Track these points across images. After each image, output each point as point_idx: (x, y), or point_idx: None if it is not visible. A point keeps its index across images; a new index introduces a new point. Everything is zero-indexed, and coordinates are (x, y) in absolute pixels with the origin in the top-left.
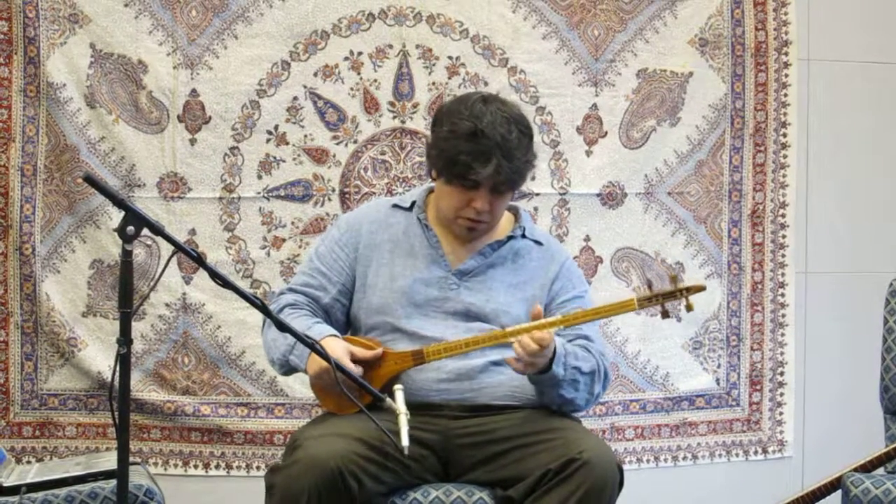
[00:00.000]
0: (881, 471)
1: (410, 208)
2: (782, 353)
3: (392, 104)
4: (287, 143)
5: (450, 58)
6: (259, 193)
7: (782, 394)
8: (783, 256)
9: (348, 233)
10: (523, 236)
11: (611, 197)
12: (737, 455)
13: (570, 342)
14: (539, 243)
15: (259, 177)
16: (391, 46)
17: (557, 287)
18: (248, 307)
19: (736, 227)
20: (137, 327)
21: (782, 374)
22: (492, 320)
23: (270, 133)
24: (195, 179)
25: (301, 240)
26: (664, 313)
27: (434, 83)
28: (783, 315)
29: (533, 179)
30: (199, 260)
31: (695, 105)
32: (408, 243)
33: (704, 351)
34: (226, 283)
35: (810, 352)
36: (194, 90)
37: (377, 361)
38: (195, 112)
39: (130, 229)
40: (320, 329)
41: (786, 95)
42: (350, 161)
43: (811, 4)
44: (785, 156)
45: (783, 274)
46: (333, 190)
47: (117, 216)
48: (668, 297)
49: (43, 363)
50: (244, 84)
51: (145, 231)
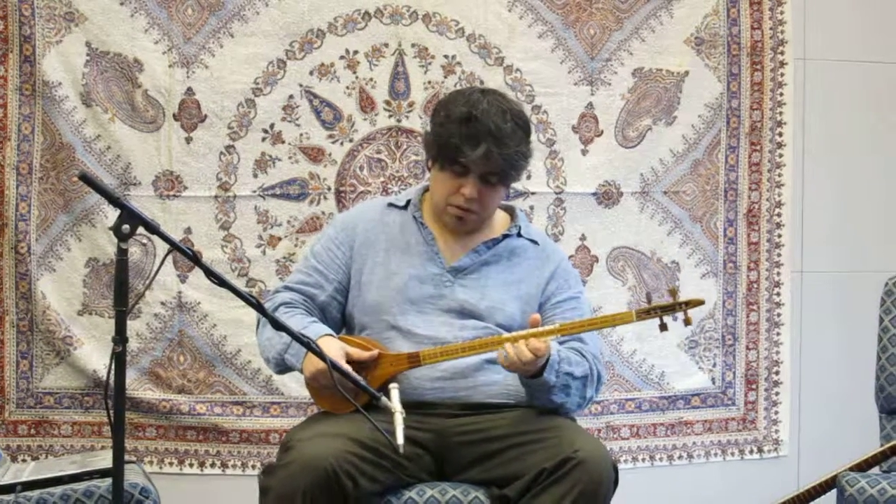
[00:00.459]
0: (876, 470)
1: (405, 207)
2: (778, 353)
3: (388, 103)
4: (283, 142)
5: (445, 57)
6: (255, 192)
7: (778, 393)
8: (779, 256)
9: (344, 231)
10: (519, 235)
11: (607, 196)
12: (732, 454)
13: (563, 344)
14: (535, 243)
15: (255, 175)
16: (387, 45)
17: (553, 287)
18: (244, 306)
19: (732, 227)
20: (133, 326)
21: (778, 374)
22: (486, 318)
23: (266, 132)
24: (191, 178)
25: (297, 238)
26: (662, 326)
27: (430, 82)
28: (779, 314)
29: (528, 178)
30: (195, 258)
31: (691, 104)
32: (403, 241)
33: (700, 350)
34: (221, 282)
35: (806, 351)
36: (190, 89)
37: (372, 362)
38: (191, 111)
39: (126, 228)
40: (316, 329)
41: (781, 95)
42: (346, 160)
43: (807, 4)
44: (781, 155)
45: (779, 273)
46: (329, 189)
47: (113, 215)
48: (667, 311)
49: (38, 362)
50: (240, 83)
51: (141, 230)
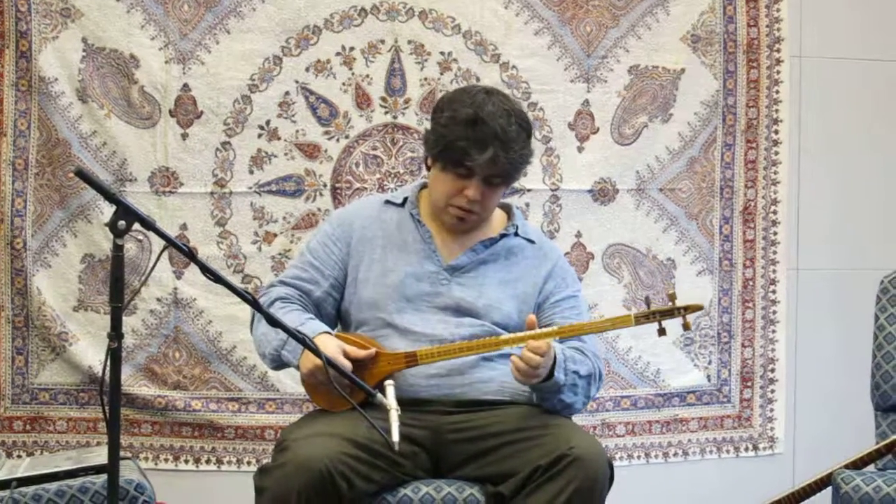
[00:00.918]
0: (871, 468)
1: (403, 204)
2: (773, 350)
3: (384, 100)
4: (279, 139)
5: (442, 53)
6: (251, 188)
7: (773, 391)
8: (774, 253)
9: (340, 227)
10: (516, 234)
11: (602, 193)
12: (727, 452)
13: (561, 343)
14: (532, 242)
15: (251, 172)
16: (383, 42)
17: (551, 286)
18: (240, 302)
19: (727, 224)
20: (128, 322)
21: (773, 371)
22: (483, 316)
23: (262, 128)
24: (187, 174)
25: (292, 235)
26: (661, 331)
27: (426, 79)
28: (774, 312)
29: (525, 175)
30: (191, 255)
31: (687, 102)
32: (400, 238)
33: (695, 347)
34: (217, 278)
35: (801, 349)
36: (186, 85)
37: (370, 361)
38: (187, 107)
39: (122, 224)
40: (313, 326)
41: (777, 92)
42: (342, 156)
43: (803, 1)
44: (776, 153)
45: (774, 271)
46: (325, 185)
47: (109, 211)
48: (666, 315)
49: (34, 357)
50: (236, 79)
51: (137, 226)
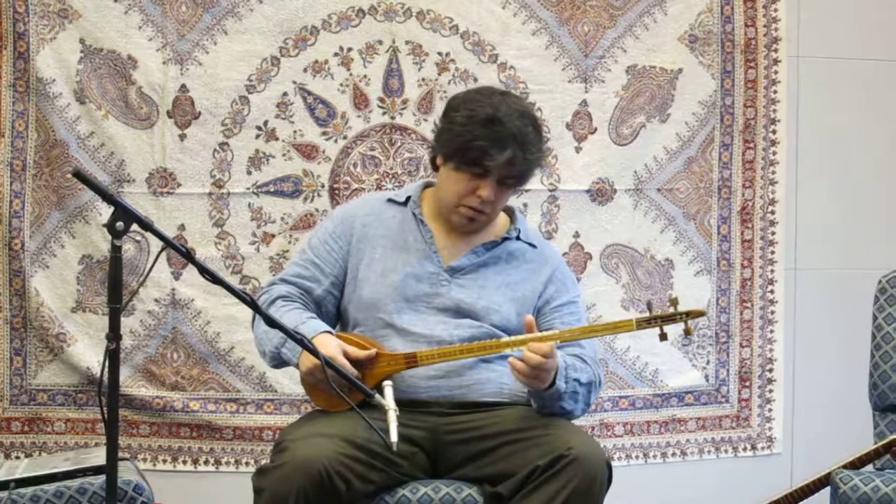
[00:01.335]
0: (870, 468)
1: (405, 203)
2: (771, 350)
3: (382, 100)
4: (276, 139)
5: (439, 54)
6: (248, 189)
7: (771, 390)
8: (772, 253)
9: (342, 225)
10: (518, 238)
11: (600, 193)
12: (726, 452)
13: (560, 348)
14: (533, 246)
15: (248, 172)
16: (381, 42)
17: (551, 291)
18: (238, 303)
19: (725, 224)
20: (126, 323)
21: (771, 371)
22: (482, 318)
23: (260, 129)
24: (184, 175)
25: (290, 235)
26: (662, 336)
27: (424, 79)
28: (772, 312)
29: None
30: (189, 255)
31: (684, 102)
32: (401, 238)
33: (694, 347)
34: (215, 279)
35: (799, 348)
36: (184, 86)
37: (370, 361)
38: (185, 107)
39: (120, 225)
40: (314, 325)
41: (775, 92)
42: (339, 157)
43: (801, 1)
44: (774, 152)
45: (772, 271)
46: (323, 186)
47: (106, 212)
48: (668, 321)
49: (32, 358)
50: (234, 80)
51: (134, 227)
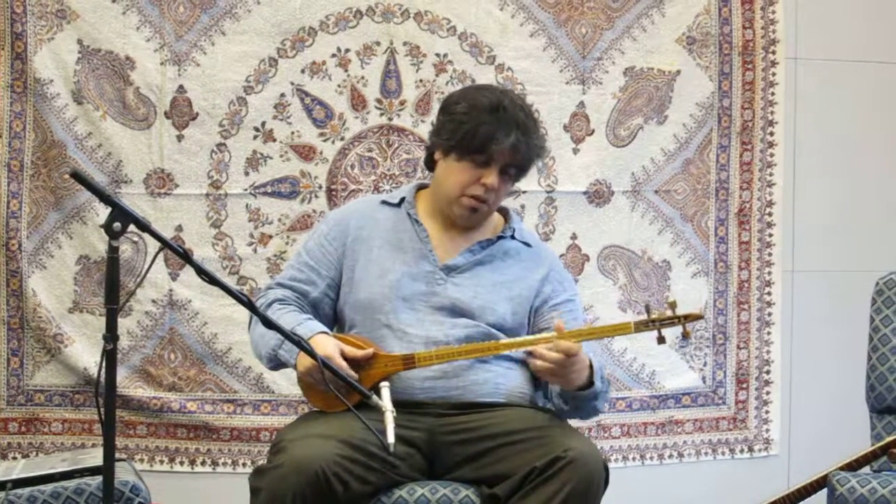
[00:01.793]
0: (867, 469)
1: (399, 204)
2: (768, 352)
3: (379, 101)
4: (274, 140)
5: (437, 55)
6: (246, 190)
7: (768, 392)
8: (770, 255)
9: (336, 227)
10: (513, 237)
11: (598, 195)
12: (723, 453)
13: None
14: (528, 245)
15: (246, 173)
16: (378, 43)
17: (548, 290)
18: (235, 304)
19: (723, 226)
20: (124, 323)
21: (768, 373)
22: (478, 317)
23: (257, 130)
24: (182, 176)
25: (288, 237)
26: (660, 339)
27: (421, 80)
28: (769, 313)
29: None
30: (186, 256)
31: (682, 103)
32: (396, 238)
33: (691, 349)
34: (212, 280)
35: (797, 350)
36: (181, 86)
37: (367, 362)
38: (182, 108)
39: (117, 225)
40: (311, 326)
41: (773, 94)
42: (337, 158)
43: (799, 3)
44: (772, 154)
45: (770, 272)
46: (320, 187)
47: (104, 212)
48: (666, 324)
49: (29, 359)
50: (231, 80)
51: (132, 227)
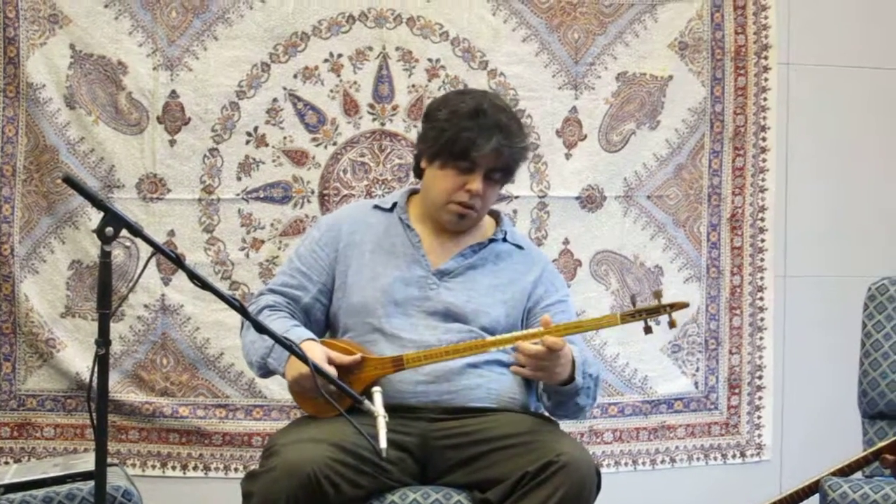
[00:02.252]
0: (859, 475)
1: (391, 209)
2: (761, 357)
3: (372, 106)
4: (266, 145)
5: (430, 60)
6: (238, 195)
7: (761, 397)
8: (762, 260)
9: (328, 233)
10: (504, 240)
11: (590, 200)
12: (715, 459)
13: None
14: (520, 247)
15: (238, 178)
16: (371, 49)
17: (540, 291)
18: (227, 309)
19: (715, 231)
20: (116, 328)
21: (761, 378)
22: (471, 321)
23: (250, 135)
24: (174, 181)
25: (280, 241)
26: (647, 329)
27: (414, 85)
28: (762, 319)
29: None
30: (178, 261)
31: (674, 109)
32: (388, 242)
33: (683, 354)
34: (204, 285)
35: (789, 356)
36: (174, 91)
37: (356, 366)
38: (175, 113)
39: (109, 230)
40: (298, 332)
41: (765, 99)
42: (329, 163)
43: (791, 9)
44: (764, 160)
45: (762, 278)
46: (313, 192)
47: (96, 217)
48: (652, 314)
49: (21, 364)
50: (224, 85)
51: (124, 232)
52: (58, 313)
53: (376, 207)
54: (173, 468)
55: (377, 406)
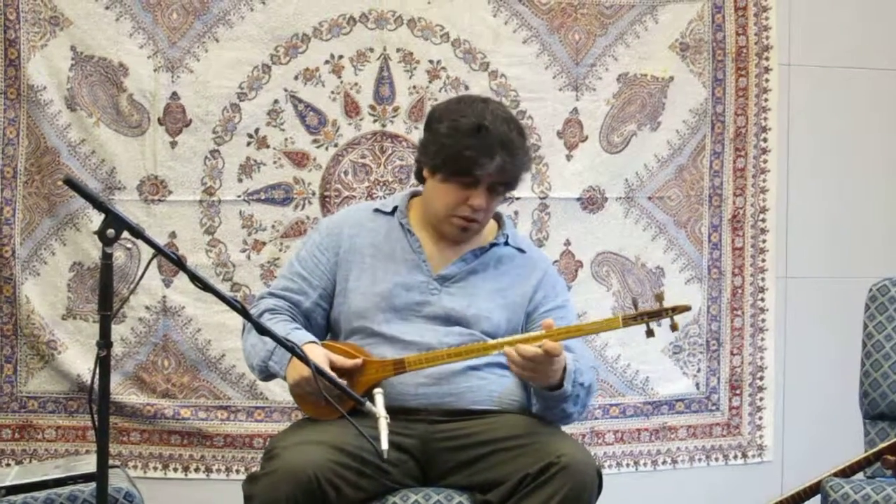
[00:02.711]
0: (860, 475)
1: (392, 213)
2: (762, 358)
3: (373, 108)
4: (267, 147)
5: (430, 62)
6: (239, 196)
7: (762, 398)
8: (763, 261)
9: (329, 237)
10: (506, 244)
11: (591, 201)
12: (716, 460)
13: None
14: (522, 251)
15: (239, 180)
16: (372, 50)
17: (540, 296)
18: (229, 310)
19: (716, 232)
20: (117, 330)
21: (762, 379)
22: (472, 325)
23: (251, 136)
24: (175, 182)
25: (281, 243)
26: (649, 332)
27: (415, 87)
28: (763, 320)
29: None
30: (180, 263)
31: (675, 110)
32: (389, 247)
33: (684, 355)
34: (206, 287)
35: (790, 356)
36: (175, 93)
37: (357, 369)
38: (176, 115)
39: (111, 232)
40: (299, 335)
41: (766, 100)
42: (330, 164)
43: (792, 10)
44: (765, 161)
45: (763, 279)
46: (314, 193)
47: (97, 219)
48: (654, 317)
49: (22, 366)
50: (225, 87)
51: (125, 234)
52: (59, 315)
53: (377, 211)
54: (175, 470)
55: (379, 408)
